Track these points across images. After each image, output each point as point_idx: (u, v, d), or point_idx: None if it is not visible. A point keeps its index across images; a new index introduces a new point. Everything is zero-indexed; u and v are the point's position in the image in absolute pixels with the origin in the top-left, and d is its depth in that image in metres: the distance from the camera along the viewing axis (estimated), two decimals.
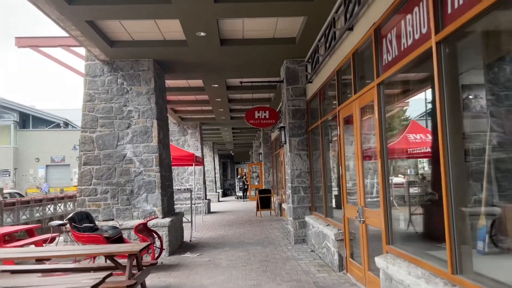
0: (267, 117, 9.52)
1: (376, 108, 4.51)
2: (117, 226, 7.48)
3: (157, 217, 7.97)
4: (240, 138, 26.14)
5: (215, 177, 28.24)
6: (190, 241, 9.86)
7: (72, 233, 6.60)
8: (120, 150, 8.40)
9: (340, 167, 6.11)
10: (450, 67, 3.13)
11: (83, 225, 6.66)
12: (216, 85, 11.23)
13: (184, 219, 10.15)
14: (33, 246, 8.16)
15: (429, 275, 3.27)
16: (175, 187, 16.29)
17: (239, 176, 33.27)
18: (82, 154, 8.41)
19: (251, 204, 21.80)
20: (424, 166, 6.25)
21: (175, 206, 11.24)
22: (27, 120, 44.06)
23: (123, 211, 8.27)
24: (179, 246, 9.19)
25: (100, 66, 8.59)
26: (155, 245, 7.35)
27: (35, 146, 41.43)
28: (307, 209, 8.76)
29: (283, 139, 9.23)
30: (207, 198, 18.85)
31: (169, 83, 11.39)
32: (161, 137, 8.81)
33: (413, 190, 6.23)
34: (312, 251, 7.90)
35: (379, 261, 4.13)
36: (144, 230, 7.06)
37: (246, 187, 27.31)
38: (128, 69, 8.59)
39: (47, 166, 41.82)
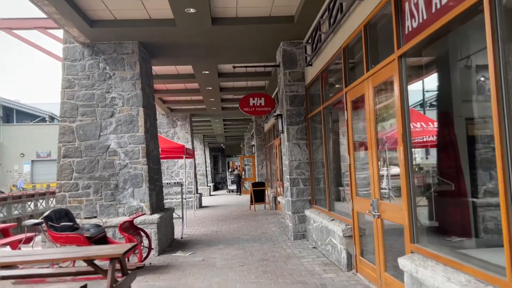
0: (263, 104, 8.86)
1: (396, 85, 3.88)
2: (101, 224, 6.79)
3: (145, 214, 7.29)
4: (231, 130, 25.46)
5: (206, 171, 27.56)
6: (181, 238, 9.20)
7: (49, 233, 5.90)
8: (103, 141, 7.67)
9: (348, 155, 5.49)
10: (508, 25, 2.50)
11: (61, 224, 5.96)
12: (207, 72, 10.52)
13: (174, 215, 9.48)
14: (8, 247, 7.45)
15: (476, 282, 2.67)
16: (164, 181, 15.60)
17: (230, 170, 32.05)
18: (61, 145, 7.66)
19: (244, 198, 21.20)
20: (419, 156, 5.79)
21: (164, 201, 10.58)
22: (11, 114, 42.74)
23: (107, 207, 7.57)
24: (170, 244, 8.52)
25: (80, 49, 7.83)
26: (142, 244, 6.68)
27: (19, 141, 40.23)
28: (307, 203, 8.16)
29: (280, 128, 8.59)
30: (199, 192, 18.19)
31: (156, 69, 10.65)
32: (148, 126, 8.11)
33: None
34: (314, 247, 7.30)
35: (404, 263, 3.53)
36: (130, 228, 6.38)
37: (240, 180, 25.76)
38: (111, 52, 7.84)
39: (32, 161, 40.66)
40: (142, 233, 6.74)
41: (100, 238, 6.35)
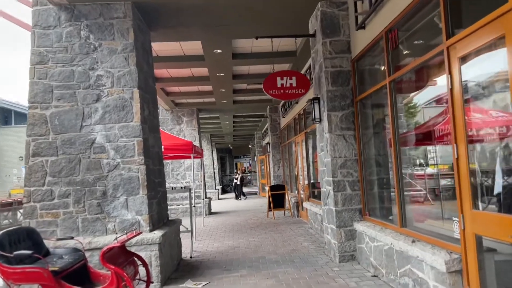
0: (294, 85, 6.90)
1: None
2: (80, 248, 4.86)
3: (141, 233, 5.33)
4: (241, 128, 23.53)
5: (214, 173, 25.69)
6: (191, 257, 7.27)
7: None
8: (86, 134, 5.75)
9: (455, 145, 3.51)
10: None
11: (15, 252, 4.03)
12: (219, 51, 8.58)
13: (181, 227, 7.56)
14: None
15: None
16: (168, 185, 13.67)
17: (236, 171, 28.83)
18: (30, 140, 5.75)
19: (256, 203, 19.26)
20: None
21: (169, 209, 8.64)
22: (9, 116, 41.09)
23: (92, 222, 5.64)
24: (176, 267, 6.58)
25: (54, 13, 5.91)
26: (138, 276, 4.73)
27: (18, 144, 38.55)
28: (357, 213, 6.18)
29: (316, 115, 6.63)
30: (207, 196, 16.26)
31: (157, 49, 8.73)
32: (146, 114, 6.18)
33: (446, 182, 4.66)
34: (375, 276, 5.31)
35: None
36: (119, 257, 4.42)
37: (242, 183, 22.77)
38: (96, 16, 5.92)
39: None
40: (138, 260, 4.79)
41: (77, 270, 4.42)
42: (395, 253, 4.63)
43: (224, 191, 31.32)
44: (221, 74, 10.48)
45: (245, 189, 27.12)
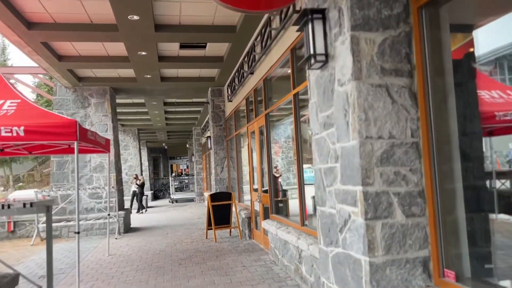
0: None
1: None
2: None
3: None
4: (176, 122, 19.43)
5: (142, 176, 21.28)
6: None
7: None
8: None
9: None
10: None
11: None
12: None
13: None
14: None
15: None
16: (44, 193, 9.54)
17: (135, 176, 20.92)
18: None
19: (194, 213, 15.39)
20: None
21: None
22: None
23: None
24: None
25: None
26: None
27: None
28: (418, 270, 2.64)
29: (318, 48, 3.01)
30: (124, 208, 12.02)
31: None
32: None
33: None
34: None
35: None
36: None
37: (143, 192, 18.00)
38: None
39: None
40: None
41: None
42: None
43: (156, 197, 26.89)
44: (136, 18, 6.54)
45: (179, 195, 23.08)
